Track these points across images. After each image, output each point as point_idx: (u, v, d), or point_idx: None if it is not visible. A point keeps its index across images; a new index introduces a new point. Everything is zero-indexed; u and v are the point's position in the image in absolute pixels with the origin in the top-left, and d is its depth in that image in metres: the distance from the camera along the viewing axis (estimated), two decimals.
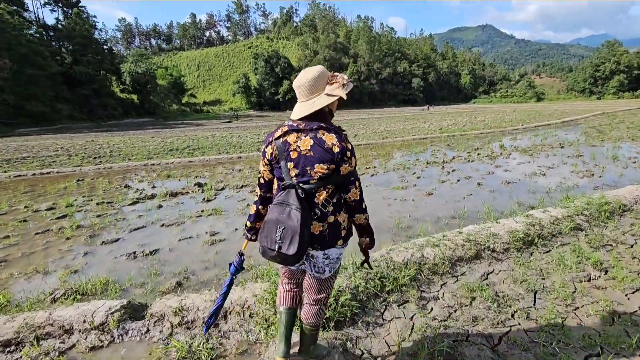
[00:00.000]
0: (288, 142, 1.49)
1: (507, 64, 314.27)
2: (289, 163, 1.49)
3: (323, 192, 1.50)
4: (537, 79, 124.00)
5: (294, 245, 1.41)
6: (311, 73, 1.51)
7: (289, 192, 1.47)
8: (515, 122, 20.83)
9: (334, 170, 1.47)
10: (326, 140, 1.45)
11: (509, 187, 6.49)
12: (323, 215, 1.51)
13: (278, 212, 1.46)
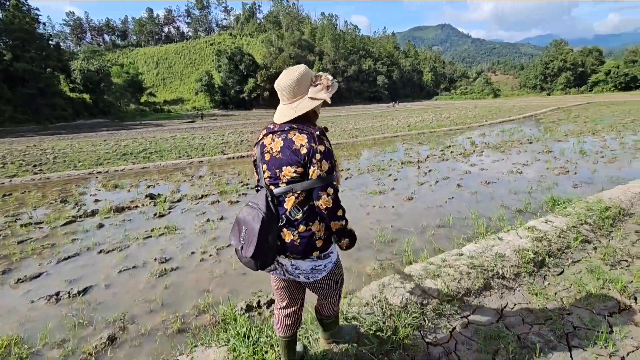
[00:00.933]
0: (264, 144, 1.48)
1: (465, 62, 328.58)
2: (263, 165, 1.47)
3: (292, 197, 1.42)
4: (493, 76, 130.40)
5: (251, 248, 1.37)
6: (293, 74, 1.42)
7: (260, 194, 1.45)
8: (479, 118, 21.24)
9: (302, 173, 1.38)
10: (296, 141, 1.38)
11: (489, 187, 6.18)
12: (292, 223, 1.43)
13: (247, 213, 1.43)
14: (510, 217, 4.70)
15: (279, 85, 1.45)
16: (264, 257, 1.42)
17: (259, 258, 1.40)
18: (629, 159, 7.99)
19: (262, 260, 1.42)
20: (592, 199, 3.95)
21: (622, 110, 22.16)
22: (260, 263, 1.42)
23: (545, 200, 5.26)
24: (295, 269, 1.51)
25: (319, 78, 1.44)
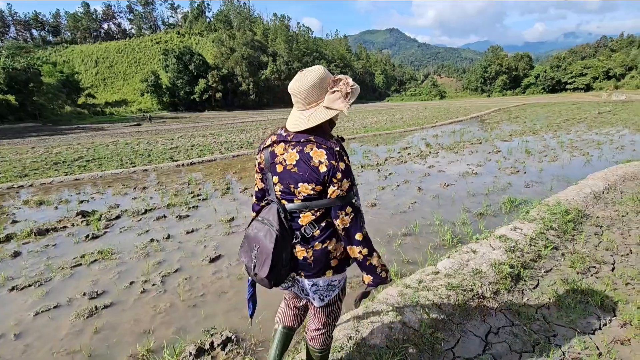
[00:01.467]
0: (275, 154, 1.33)
1: (413, 65, 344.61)
2: (274, 177, 1.33)
3: (308, 214, 1.31)
4: (439, 78, 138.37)
5: (266, 267, 1.28)
6: (309, 79, 1.25)
7: (271, 209, 1.34)
8: (430, 119, 22.07)
9: (321, 191, 1.26)
10: (313, 156, 1.24)
11: (448, 189, 6.20)
12: (307, 240, 1.33)
13: (257, 229, 1.34)
14: (473, 220, 4.67)
15: (291, 90, 1.30)
16: (278, 275, 1.34)
17: (273, 277, 1.32)
18: (568, 157, 8.55)
19: (276, 278, 1.34)
20: (551, 201, 4.00)
21: (554, 110, 24.30)
22: (274, 281, 1.34)
23: (503, 201, 5.35)
24: (312, 285, 1.41)
25: (337, 83, 1.26)
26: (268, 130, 19.59)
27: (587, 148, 9.56)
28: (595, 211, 3.96)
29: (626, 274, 2.65)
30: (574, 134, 12.43)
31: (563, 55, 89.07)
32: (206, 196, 6.22)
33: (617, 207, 4.08)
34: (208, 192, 6.53)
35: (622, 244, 3.18)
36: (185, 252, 3.97)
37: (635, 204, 4.15)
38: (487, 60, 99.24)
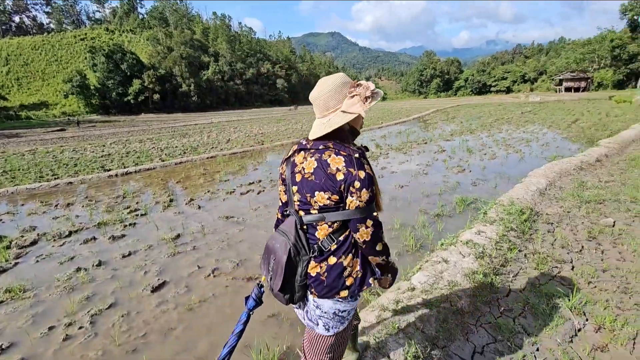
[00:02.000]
0: (295, 163, 1.28)
1: (355, 68, 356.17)
2: (293, 187, 1.26)
3: (324, 226, 1.23)
4: (380, 81, 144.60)
5: (278, 280, 1.23)
6: (328, 85, 1.22)
7: (290, 220, 1.29)
8: (376, 120, 22.71)
9: (338, 201, 1.17)
10: (331, 163, 1.16)
11: (403, 191, 6.23)
12: (324, 255, 1.24)
13: (275, 240, 1.29)
14: (431, 222, 4.67)
15: (311, 98, 1.28)
16: (293, 291, 1.28)
17: (288, 291, 1.27)
18: (504, 154, 9.17)
19: (291, 294, 1.28)
20: (505, 201, 4.12)
21: (484, 111, 26.42)
22: (289, 297, 1.29)
23: (456, 201, 5.47)
24: (316, 307, 1.30)
25: (357, 88, 1.22)
26: (213, 133, 18.59)
27: (518, 145, 10.37)
28: (544, 208, 4.16)
29: (585, 272, 2.72)
30: (505, 133, 13.49)
31: (487, 61, 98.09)
32: (145, 211, 5.53)
33: (560, 203, 4.33)
34: (148, 205, 5.83)
35: (574, 240, 3.32)
36: (121, 282, 3.39)
37: (575, 199, 4.44)
38: (423, 64, 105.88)
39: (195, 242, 4.28)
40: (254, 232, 4.56)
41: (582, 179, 5.47)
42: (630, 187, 4.90)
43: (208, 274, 3.45)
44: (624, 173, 5.71)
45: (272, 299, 1.45)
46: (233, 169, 8.81)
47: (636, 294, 2.44)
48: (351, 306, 1.31)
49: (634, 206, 4.15)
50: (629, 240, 3.25)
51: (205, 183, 7.38)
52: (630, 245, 3.14)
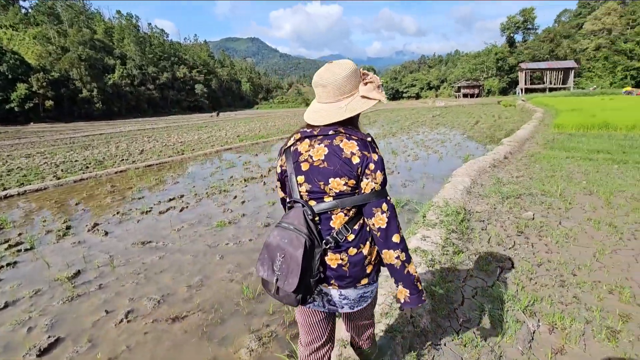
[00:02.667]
0: (299, 152, 1.20)
1: (277, 74, 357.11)
2: (299, 177, 1.19)
3: (340, 214, 1.17)
4: (302, 87, 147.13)
5: (294, 279, 1.09)
6: (344, 69, 1.16)
7: (295, 211, 1.18)
8: (302, 125, 22.68)
9: (354, 186, 1.15)
10: (344, 148, 1.14)
11: None
12: (340, 245, 1.18)
13: (280, 236, 1.15)
14: None
15: (323, 81, 1.17)
16: (307, 290, 1.17)
17: (302, 291, 1.14)
18: (425, 155, 9.76)
19: (304, 293, 1.16)
20: (440, 202, 4.20)
21: (400, 115, 28.42)
22: (302, 297, 1.16)
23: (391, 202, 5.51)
24: (343, 298, 1.25)
25: (367, 76, 1.21)
26: (123, 144, 16.48)
27: (436, 146, 11.18)
28: (474, 206, 4.36)
29: (524, 268, 2.81)
30: (422, 135, 14.53)
31: (398, 69, 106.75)
32: (32, 244, 4.42)
33: (486, 200, 4.60)
34: (35, 236, 4.70)
35: (506, 236, 3.48)
36: None
37: (497, 196, 4.77)
38: None
39: (101, 279, 3.48)
40: (178, 258, 3.92)
41: (497, 175, 5.97)
42: (536, 181, 5.48)
43: (120, 320, 2.77)
44: (528, 168, 6.40)
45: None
46: (149, 183, 7.77)
47: (571, 285, 2.56)
48: (374, 287, 1.31)
49: (545, 198, 4.59)
50: (550, 232, 3.51)
51: (114, 203, 6.31)
52: (553, 237, 3.38)
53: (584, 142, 8.72)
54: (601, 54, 55.57)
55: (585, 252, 3.08)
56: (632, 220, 3.77)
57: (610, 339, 1.97)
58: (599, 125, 10.65)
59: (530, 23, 70.77)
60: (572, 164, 6.52)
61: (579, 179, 5.44)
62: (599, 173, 5.76)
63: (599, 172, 5.85)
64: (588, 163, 6.48)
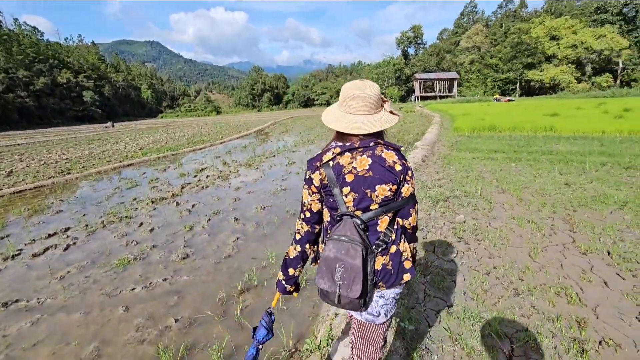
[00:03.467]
0: (341, 165, 1.25)
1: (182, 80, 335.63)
2: (344, 188, 1.25)
3: (385, 218, 1.28)
4: (212, 94, 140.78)
5: (357, 286, 1.18)
6: (376, 87, 1.29)
7: (346, 224, 1.25)
8: (216, 135, 21.32)
9: (396, 191, 1.27)
10: (386, 157, 1.25)
11: (266, 213, 5.55)
12: (387, 247, 1.29)
13: (336, 249, 1.23)
14: None
15: (363, 95, 1.25)
16: (368, 293, 1.26)
17: (364, 295, 1.24)
18: None
19: (365, 297, 1.25)
20: None
21: (315, 122, 28.84)
22: (365, 301, 1.26)
23: None
24: (379, 298, 1.33)
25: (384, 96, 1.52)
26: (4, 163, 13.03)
27: None
28: None
29: (477, 279, 2.72)
30: None
31: (307, 78, 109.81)
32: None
33: (419, 206, 4.59)
34: None
35: (448, 244, 3.42)
36: None
37: (428, 200, 4.81)
38: (252, 79, 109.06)
39: None
40: (61, 320, 2.92)
41: (421, 179, 6.15)
42: (456, 182, 5.77)
43: None
44: (445, 170, 6.78)
45: None
46: (18, 216, 6.08)
47: (524, 293, 2.51)
48: (401, 288, 1.37)
49: (469, 200, 4.79)
50: (485, 235, 3.57)
51: None
52: (490, 240, 3.43)
53: (481, 143, 9.77)
54: (475, 67, 65.52)
55: (521, 253, 3.15)
56: (545, 215, 4.10)
57: (582, 354, 1.90)
58: (488, 127, 12.18)
59: (419, 39, 79.93)
60: (479, 163, 7.13)
61: (489, 179, 5.90)
62: (503, 171, 6.37)
63: (502, 170, 6.47)
64: (491, 162, 7.16)
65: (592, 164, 6.49)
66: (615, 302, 2.37)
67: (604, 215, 3.97)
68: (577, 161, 6.78)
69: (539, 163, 6.85)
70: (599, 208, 4.19)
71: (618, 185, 5.09)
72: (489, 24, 75.86)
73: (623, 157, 6.98)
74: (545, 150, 8.15)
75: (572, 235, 3.50)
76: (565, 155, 7.37)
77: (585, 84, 50.29)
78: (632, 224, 3.67)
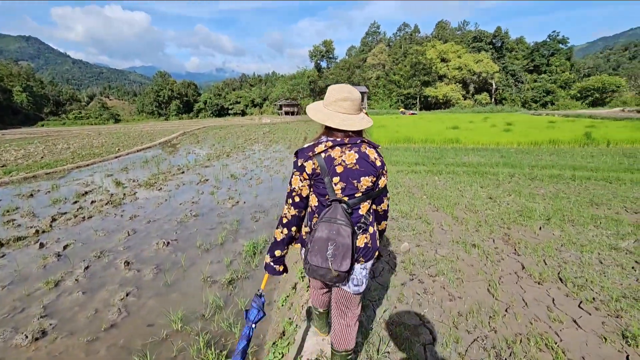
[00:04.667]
0: (332, 157, 1.47)
1: (71, 83, 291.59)
2: (335, 178, 1.47)
3: (366, 204, 1.54)
4: (108, 101, 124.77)
5: (347, 261, 1.41)
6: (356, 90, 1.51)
7: (336, 208, 1.46)
8: (110, 147, 18.28)
9: (375, 182, 1.53)
10: (369, 154, 1.50)
11: (170, 250, 4.41)
12: (367, 227, 1.56)
13: (328, 229, 1.44)
14: (227, 298, 3.26)
15: (352, 97, 1.48)
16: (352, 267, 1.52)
17: (351, 269, 1.50)
18: (268, 176, 8.97)
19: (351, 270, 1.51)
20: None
21: (231, 133, 27.18)
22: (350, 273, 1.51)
23: (245, 250, 4.30)
24: (362, 269, 1.59)
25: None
26: None
27: (275, 166, 10.62)
28: None
29: (448, 337, 2.18)
30: (259, 153, 13.84)
31: (220, 86, 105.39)
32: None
33: None
34: None
35: (401, 285, 2.88)
36: None
37: None
38: (158, 85, 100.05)
39: None
40: None
41: None
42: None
43: None
44: None
45: None
46: None
47: (505, 353, 2.05)
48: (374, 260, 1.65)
49: (407, 222, 4.42)
50: (437, 267, 3.14)
51: None
52: (445, 275, 2.99)
53: (400, 155, 9.94)
54: (381, 82, 70.97)
55: (480, 289, 2.77)
56: (484, 235, 3.91)
57: None
58: (404, 139, 12.66)
59: (331, 53, 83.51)
60: (404, 177, 7.03)
61: (419, 194, 5.72)
62: (429, 186, 6.31)
63: (428, 184, 6.41)
64: (416, 176, 7.13)
65: (503, 175, 6.88)
66: (596, 349, 2.06)
67: (536, 232, 3.94)
68: (489, 173, 7.15)
69: (459, 176, 7.03)
70: (528, 224, 4.19)
71: (533, 197, 5.33)
72: (391, 44, 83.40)
73: (523, 168, 7.63)
74: (459, 162, 8.55)
75: (519, 259, 3.30)
76: (477, 167, 7.78)
77: (469, 101, 58.39)
78: (564, 241, 3.66)
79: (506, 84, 61.41)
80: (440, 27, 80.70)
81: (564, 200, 5.15)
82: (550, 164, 7.82)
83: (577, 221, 4.24)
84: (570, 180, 6.41)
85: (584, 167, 7.41)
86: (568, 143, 11.20)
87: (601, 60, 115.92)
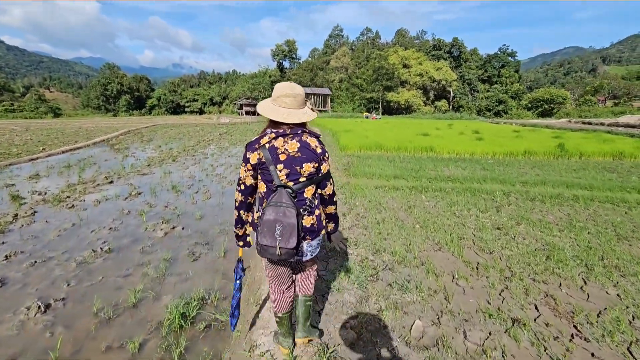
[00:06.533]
0: (275, 147, 1.66)
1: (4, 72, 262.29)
2: (279, 165, 1.66)
3: (310, 188, 1.76)
4: (48, 93, 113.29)
5: (293, 239, 1.59)
6: (300, 88, 1.73)
7: (281, 193, 1.65)
8: (33, 146, 15.39)
9: (317, 168, 1.74)
10: (310, 143, 1.71)
11: (42, 327, 2.77)
12: (312, 209, 1.78)
13: (275, 213, 1.61)
14: None
15: (294, 93, 1.68)
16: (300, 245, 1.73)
17: (298, 246, 1.64)
18: (219, 189, 7.37)
19: (298, 247, 1.67)
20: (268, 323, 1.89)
21: (183, 132, 24.72)
22: (296, 250, 1.65)
23: (170, 317, 2.79)
24: (308, 246, 1.84)
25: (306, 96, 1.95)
26: None
27: (229, 174, 9.01)
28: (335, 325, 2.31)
29: None
30: (211, 158, 12.06)
31: (177, 82, 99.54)
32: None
33: (339, 296, 2.68)
34: None
35: None
36: None
37: (346, 279, 2.95)
38: (106, 77, 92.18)
39: None
40: None
41: None
42: (374, 232, 4.14)
43: None
44: (352, 208, 5.16)
45: None
46: None
47: None
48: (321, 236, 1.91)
49: (406, 271, 3.15)
50: None
51: None
52: None
53: (374, 165, 8.79)
54: (344, 85, 70.74)
55: None
56: (519, 298, 2.74)
57: None
58: (374, 146, 11.59)
59: (294, 53, 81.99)
60: (386, 196, 5.83)
61: (409, 222, 4.52)
62: (417, 208, 5.15)
63: (416, 206, 5.26)
64: (399, 194, 5.96)
65: (498, 194, 5.93)
66: None
67: (584, 290, 2.86)
68: (482, 191, 6.17)
69: (448, 194, 5.97)
70: (566, 274, 3.11)
71: (549, 229, 4.32)
72: (354, 47, 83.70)
73: (514, 184, 6.79)
74: (441, 175, 7.55)
75: (589, 347, 2.15)
76: (464, 183, 6.81)
77: (430, 107, 59.80)
78: (628, 303, 2.59)
79: (463, 92, 63.83)
80: (400, 35, 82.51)
81: (584, 232, 4.21)
82: (540, 180, 7.05)
83: (623, 268, 3.24)
84: (574, 202, 5.59)
85: (577, 185, 6.70)
86: (542, 154, 10.78)
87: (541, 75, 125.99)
